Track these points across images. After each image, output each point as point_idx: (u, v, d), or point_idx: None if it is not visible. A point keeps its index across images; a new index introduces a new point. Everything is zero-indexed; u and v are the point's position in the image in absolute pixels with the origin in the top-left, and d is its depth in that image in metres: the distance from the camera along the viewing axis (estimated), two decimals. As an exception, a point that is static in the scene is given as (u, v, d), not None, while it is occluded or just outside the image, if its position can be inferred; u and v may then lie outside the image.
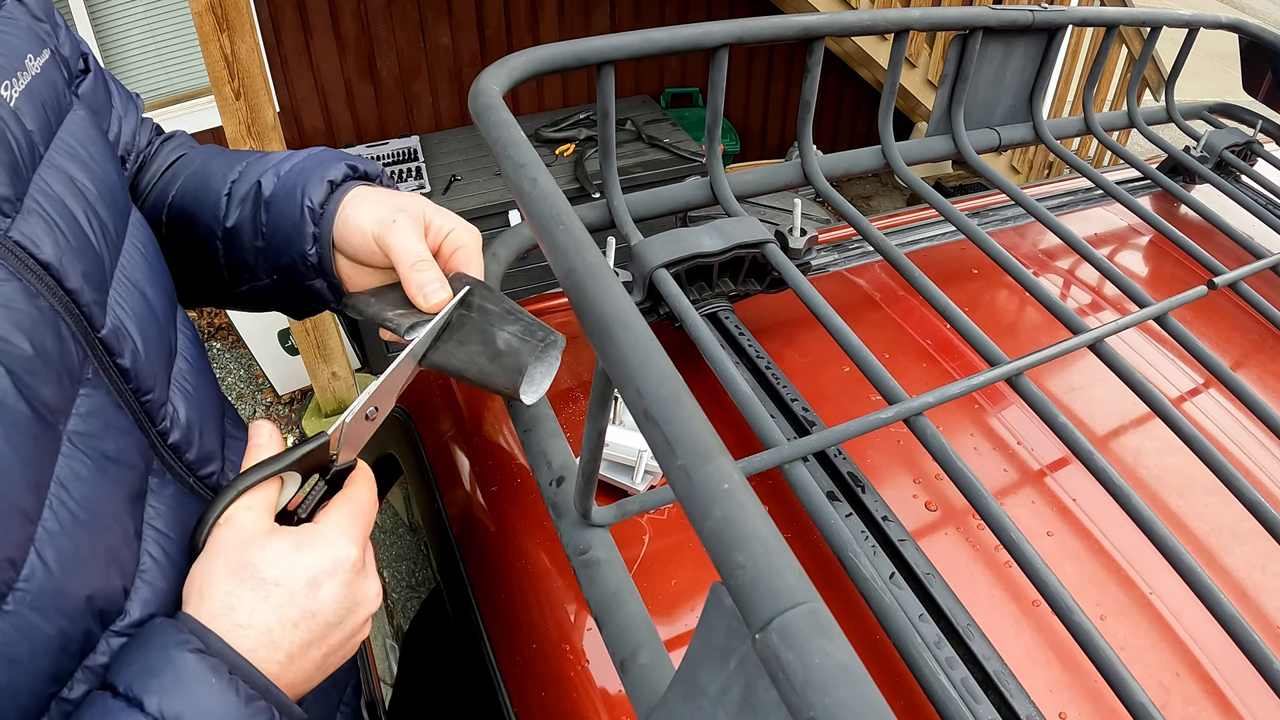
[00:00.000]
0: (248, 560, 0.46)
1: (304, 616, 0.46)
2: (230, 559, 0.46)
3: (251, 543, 0.46)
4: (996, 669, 0.52)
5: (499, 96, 0.54)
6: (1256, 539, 0.62)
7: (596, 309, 0.34)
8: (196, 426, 0.55)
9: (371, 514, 0.52)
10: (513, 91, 0.58)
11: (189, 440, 0.54)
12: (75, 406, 0.45)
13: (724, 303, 0.79)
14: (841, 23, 0.76)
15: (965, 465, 0.58)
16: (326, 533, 0.49)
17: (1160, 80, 4.01)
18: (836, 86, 4.69)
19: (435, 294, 0.55)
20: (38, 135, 0.48)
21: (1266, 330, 0.92)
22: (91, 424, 0.45)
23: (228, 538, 0.47)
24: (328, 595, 0.47)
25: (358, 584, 0.49)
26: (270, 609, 0.45)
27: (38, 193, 0.46)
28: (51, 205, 0.46)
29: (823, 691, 0.22)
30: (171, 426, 0.53)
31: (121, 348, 0.49)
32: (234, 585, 0.45)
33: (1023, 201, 0.86)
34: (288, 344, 3.20)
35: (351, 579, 0.48)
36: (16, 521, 0.40)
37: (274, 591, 0.45)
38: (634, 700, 0.37)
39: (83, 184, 0.50)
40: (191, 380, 0.57)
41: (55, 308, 0.45)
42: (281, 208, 0.60)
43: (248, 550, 0.46)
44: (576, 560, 0.47)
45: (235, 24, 2.17)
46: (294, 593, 0.46)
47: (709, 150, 0.80)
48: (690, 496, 0.27)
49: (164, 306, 0.56)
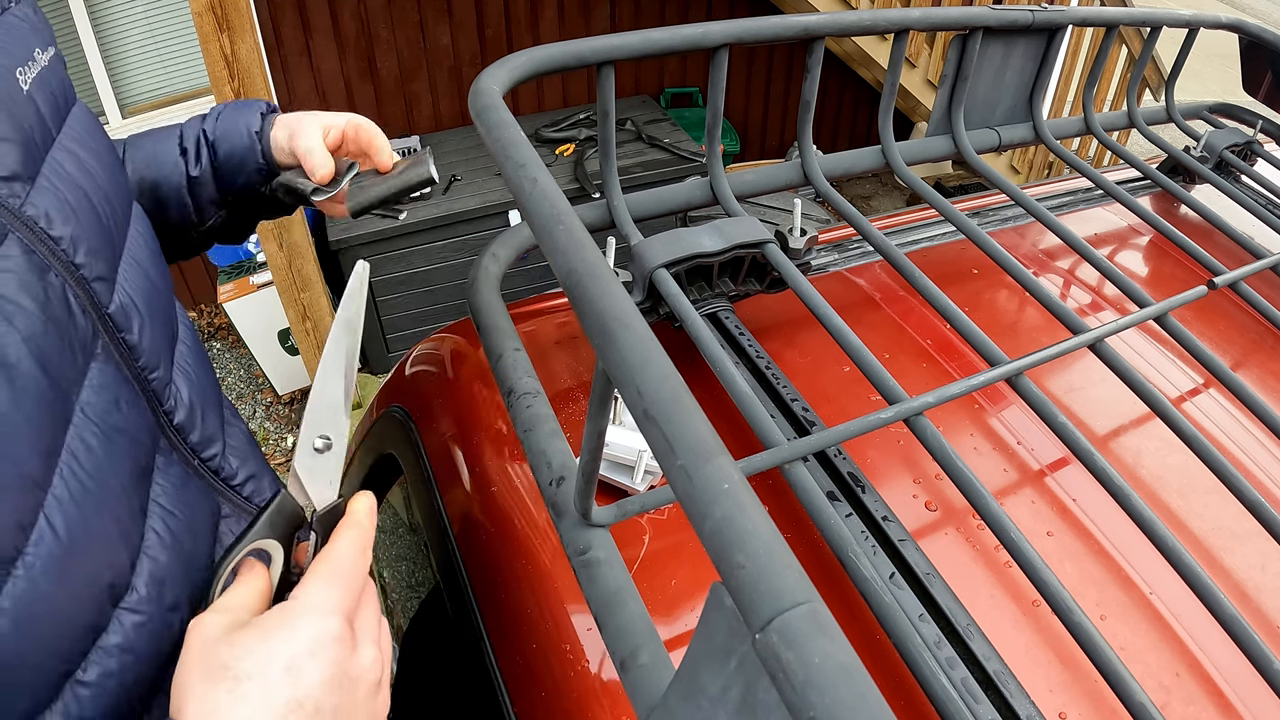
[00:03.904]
0: (218, 660, 0.42)
1: (290, 708, 0.41)
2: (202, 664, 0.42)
3: (220, 641, 0.43)
4: (996, 669, 0.52)
5: (499, 96, 0.54)
6: (1256, 539, 0.62)
7: (596, 309, 0.34)
8: (199, 409, 0.56)
9: (354, 568, 0.47)
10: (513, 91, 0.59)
11: (193, 421, 0.55)
12: (87, 378, 0.45)
13: (724, 303, 0.79)
14: (841, 23, 0.76)
15: (965, 465, 0.58)
16: (298, 609, 0.44)
17: (1160, 80, 4.02)
18: (836, 86, 4.69)
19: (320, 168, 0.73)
20: (50, 120, 0.50)
21: (1266, 330, 0.92)
22: (103, 397, 0.46)
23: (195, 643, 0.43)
24: (311, 679, 0.42)
25: (347, 659, 0.44)
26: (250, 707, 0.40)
27: (50, 172, 0.48)
28: (63, 184, 0.48)
29: (823, 691, 0.22)
30: (176, 406, 0.54)
31: (129, 324, 0.50)
32: (208, 689, 0.41)
33: (1023, 201, 0.86)
34: (288, 344, 3.20)
35: (337, 654, 0.43)
36: (27, 487, 0.40)
37: (249, 686, 0.41)
38: (634, 700, 0.37)
39: (92, 168, 0.52)
40: (193, 364, 0.58)
41: (66, 281, 0.46)
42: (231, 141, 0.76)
43: (217, 650, 0.42)
44: (576, 560, 0.47)
45: (235, 24, 2.17)
46: (271, 683, 0.41)
47: (709, 150, 0.80)
48: (690, 496, 0.27)
49: (166, 291, 0.58)
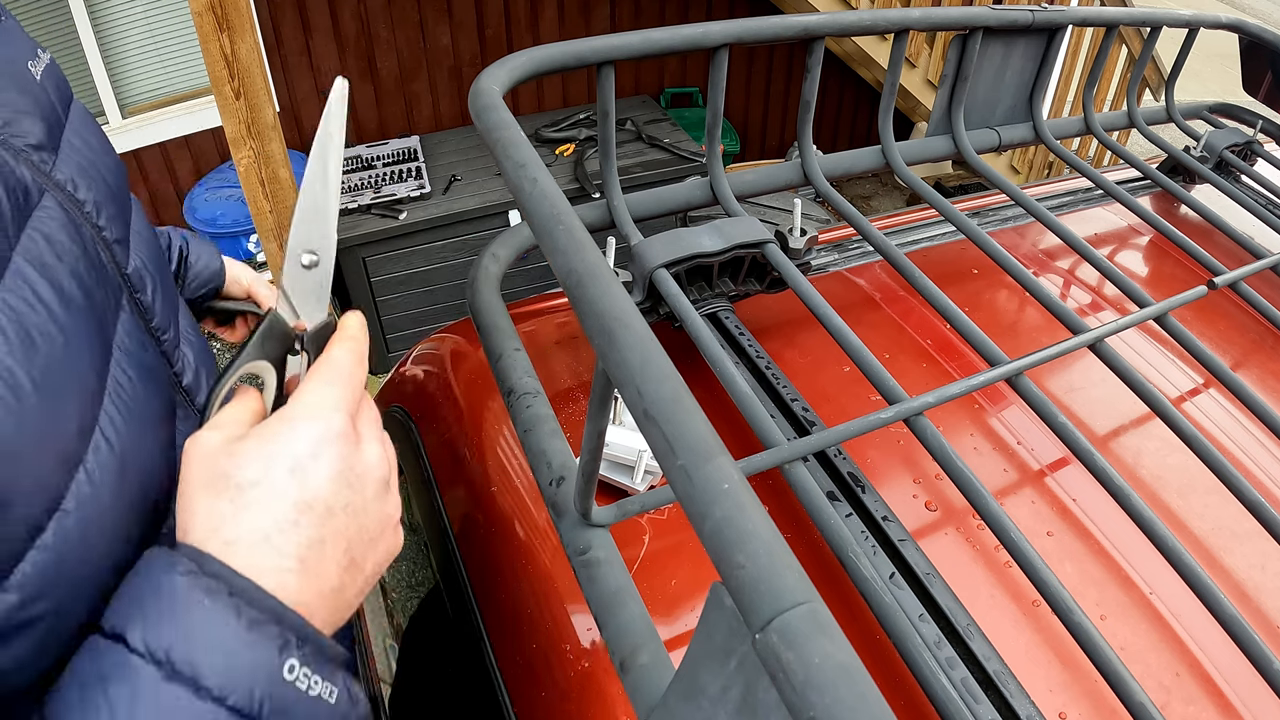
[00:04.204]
0: (218, 470, 0.40)
1: (300, 510, 0.40)
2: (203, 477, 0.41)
3: (219, 453, 0.41)
4: (996, 669, 0.52)
5: (499, 96, 0.54)
6: (1256, 539, 0.62)
7: (596, 309, 0.34)
8: (203, 375, 0.59)
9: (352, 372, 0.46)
10: (513, 91, 0.59)
11: (198, 384, 0.58)
12: (119, 321, 0.47)
13: (724, 303, 0.79)
14: (841, 23, 0.76)
15: (965, 465, 0.57)
16: (299, 410, 0.43)
17: (1160, 80, 4.02)
18: (836, 86, 4.69)
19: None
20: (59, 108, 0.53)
21: (1266, 330, 0.92)
22: (132, 341, 0.48)
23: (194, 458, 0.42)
24: (320, 476, 0.41)
25: (353, 454, 0.43)
26: (257, 513, 0.39)
27: (67, 146, 0.51)
28: (80, 156, 0.52)
29: (823, 691, 0.22)
30: (184, 369, 0.56)
31: (144, 285, 0.53)
32: (211, 500, 0.39)
33: (1023, 201, 0.86)
34: (288, 344, 3.19)
35: (343, 449, 0.42)
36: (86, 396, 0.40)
37: (254, 494, 0.39)
38: (634, 700, 0.37)
39: (100, 151, 0.55)
40: (195, 338, 0.61)
41: (95, 237, 0.49)
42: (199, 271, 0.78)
43: (218, 461, 0.41)
44: (576, 560, 0.47)
45: (235, 23, 2.17)
46: (277, 487, 0.40)
47: (709, 150, 0.80)
48: (690, 496, 0.27)
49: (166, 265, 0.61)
